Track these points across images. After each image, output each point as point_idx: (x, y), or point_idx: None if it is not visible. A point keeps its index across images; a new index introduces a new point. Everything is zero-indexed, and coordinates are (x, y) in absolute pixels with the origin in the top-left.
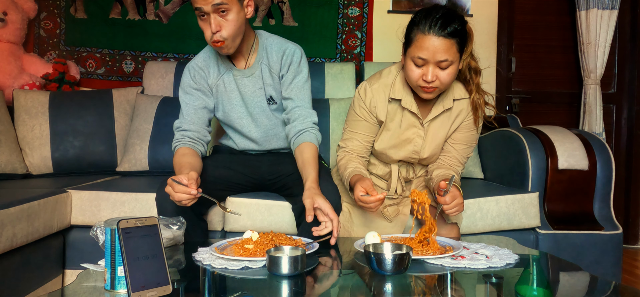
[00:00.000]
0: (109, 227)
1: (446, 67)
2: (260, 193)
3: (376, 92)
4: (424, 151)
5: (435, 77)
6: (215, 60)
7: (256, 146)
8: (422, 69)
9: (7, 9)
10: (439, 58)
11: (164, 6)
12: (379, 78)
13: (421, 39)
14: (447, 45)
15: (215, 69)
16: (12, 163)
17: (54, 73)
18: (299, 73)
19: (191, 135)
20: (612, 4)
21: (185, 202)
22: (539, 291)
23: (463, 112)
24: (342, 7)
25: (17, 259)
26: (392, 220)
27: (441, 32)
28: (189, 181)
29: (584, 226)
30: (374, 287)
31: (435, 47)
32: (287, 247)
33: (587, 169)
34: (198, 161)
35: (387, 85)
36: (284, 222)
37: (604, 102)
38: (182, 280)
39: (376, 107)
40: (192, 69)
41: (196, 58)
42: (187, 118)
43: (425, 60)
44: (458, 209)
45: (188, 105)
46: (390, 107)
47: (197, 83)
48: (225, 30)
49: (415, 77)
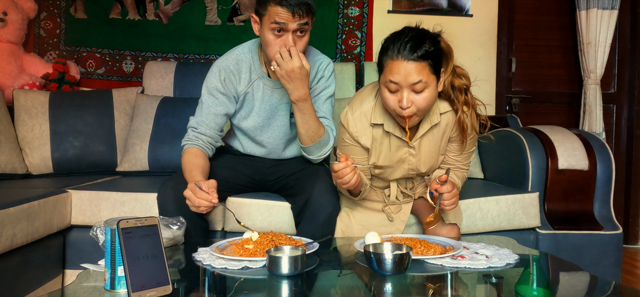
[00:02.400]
0: (109, 227)
1: (421, 90)
2: (260, 193)
3: (358, 120)
4: (420, 167)
5: (411, 102)
6: (248, 64)
7: (263, 153)
8: (396, 95)
9: (7, 9)
10: (411, 81)
11: (164, 6)
12: (361, 104)
13: (391, 64)
14: (418, 67)
15: (247, 75)
16: (12, 163)
17: (54, 73)
18: (327, 87)
19: (205, 140)
20: (612, 4)
21: (202, 209)
22: (539, 291)
23: (451, 123)
24: (342, 7)
25: (17, 259)
26: (393, 218)
27: (410, 55)
28: (210, 189)
29: (584, 226)
30: (374, 287)
31: (406, 71)
32: (287, 247)
33: (587, 169)
34: (208, 165)
35: (368, 112)
36: (284, 222)
37: (604, 102)
38: (182, 280)
39: (359, 136)
40: (224, 70)
41: (228, 58)
42: (206, 121)
43: (398, 85)
44: (454, 201)
45: (209, 109)
46: (375, 132)
47: (226, 88)
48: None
49: (391, 105)
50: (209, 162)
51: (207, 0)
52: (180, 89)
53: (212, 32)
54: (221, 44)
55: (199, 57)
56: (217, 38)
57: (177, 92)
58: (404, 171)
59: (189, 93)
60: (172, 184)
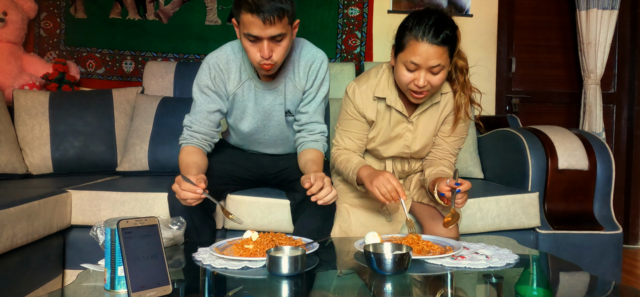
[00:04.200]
0: (109, 227)
1: (438, 72)
2: (260, 190)
3: (364, 93)
4: (414, 145)
5: (427, 82)
6: (237, 64)
7: (260, 149)
8: (413, 74)
9: (7, 9)
10: (431, 64)
11: (164, 6)
12: (367, 79)
13: (414, 45)
14: (439, 51)
15: (237, 75)
16: (12, 163)
17: (54, 73)
18: (321, 88)
19: (200, 137)
20: (612, 4)
21: (190, 202)
22: (539, 291)
23: (450, 105)
24: (342, 7)
25: (17, 259)
26: (392, 216)
27: (434, 40)
28: (198, 181)
29: (584, 226)
30: (374, 287)
31: (429, 54)
32: (287, 247)
33: (587, 169)
34: (204, 160)
35: (372, 86)
36: (284, 220)
37: (604, 102)
38: (182, 280)
39: (365, 108)
40: (213, 68)
41: (218, 55)
42: (199, 119)
43: (418, 66)
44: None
45: (201, 107)
46: (379, 106)
47: (216, 85)
48: (276, 54)
49: (406, 81)
50: (206, 157)
51: (207, 0)
52: (180, 89)
53: (212, 32)
54: (221, 44)
55: (199, 57)
56: (217, 38)
57: (177, 92)
58: (399, 148)
59: (189, 93)
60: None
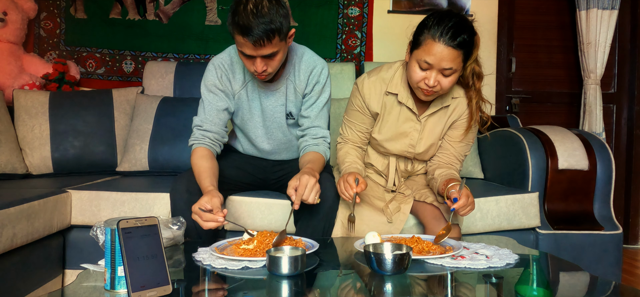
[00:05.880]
0: (109, 227)
1: (449, 75)
2: (260, 191)
3: (372, 84)
4: (419, 146)
5: (437, 82)
6: (241, 64)
7: (263, 156)
8: (425, 73)
9: (7, 9)
10: (443, 66)
11: (164, 6)
12: (379, 72)
13: (430, 44)
14: (453, 55)
15: (241, 75)
16: (12, 163)
17: (54, 73)
18: (322, 93)
19: (211, 137)
20: (612, 4)
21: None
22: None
23: (459, 110)
24: (342, 7)
25: (17, 259)
26: (392, 218)
27: (451, 42)
28: (215, 209)
29: (584, 226)
30: (374, 287)
31: (443, 56)
32: (287, 247)
33: (587, 169)
34: (216, 165)
35: (385, 80)
36: (284, 221)
37: (604, 102)
38: (182, 280)
39: (370, 99)
40: (219, 68)
41: (222, 57)
42: (209, 118)
43: (430, 65)
44: (471, 208)
45: (211, 105)
46: (387, 100)
47: (223, 84)
48: (270, 67)
49: (417, 79)
50: (216, 162)
51: (207, 0)
52: (180, 89)
53: (212, 32)
54: (221, 44)
55: (199, 57)
56: (217, 38)
57: (177, 92)
58: (404, 146)
59: (189, 93)
60: (185, 184)
